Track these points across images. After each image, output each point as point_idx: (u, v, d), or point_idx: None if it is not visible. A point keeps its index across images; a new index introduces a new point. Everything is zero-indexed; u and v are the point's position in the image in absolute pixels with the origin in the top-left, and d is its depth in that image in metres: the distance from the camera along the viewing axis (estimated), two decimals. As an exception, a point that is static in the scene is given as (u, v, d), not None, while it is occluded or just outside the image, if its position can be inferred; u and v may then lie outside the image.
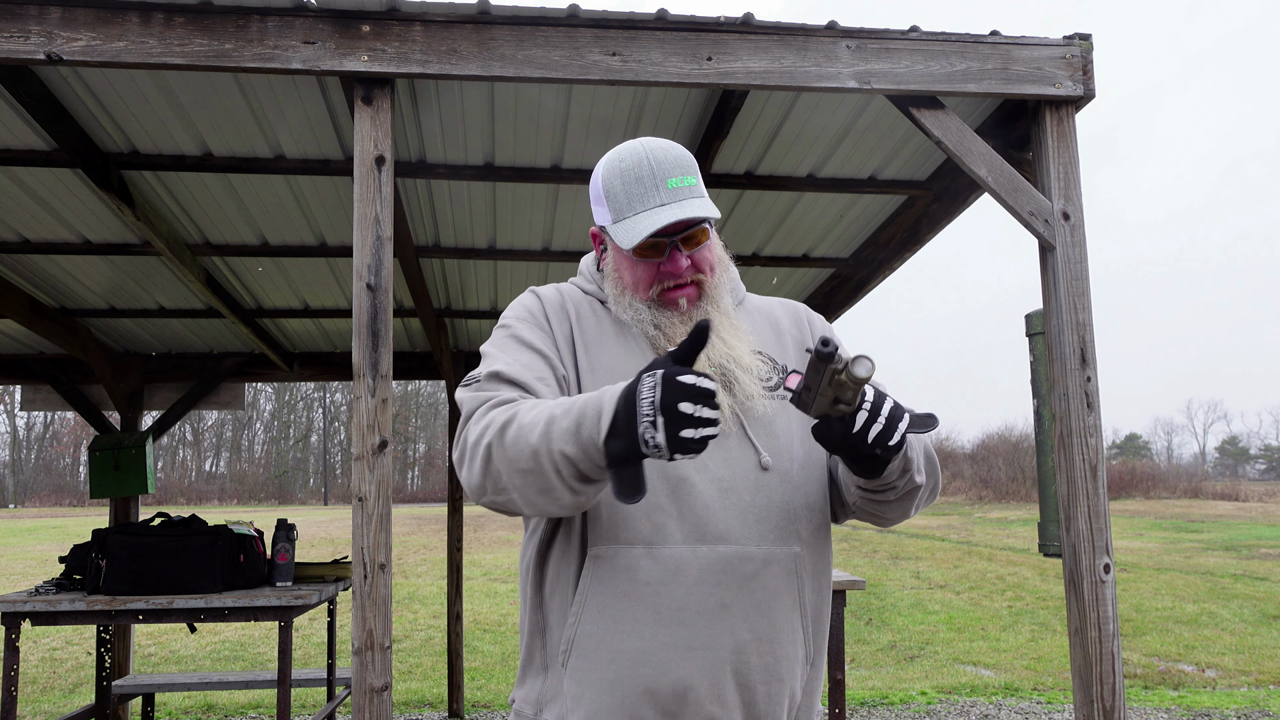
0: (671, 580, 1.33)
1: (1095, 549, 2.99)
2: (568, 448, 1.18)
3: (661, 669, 1.31)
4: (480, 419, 1.32)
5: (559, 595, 1.39)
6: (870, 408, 1.22)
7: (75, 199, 4.16)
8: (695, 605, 1.32)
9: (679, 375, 1.10)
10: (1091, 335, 3.08)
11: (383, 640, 2.73)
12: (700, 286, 1.49)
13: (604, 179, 1.48)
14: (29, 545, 18.63)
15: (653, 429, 1.10)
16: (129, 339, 6.45)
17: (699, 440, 1.10)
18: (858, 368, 1.16)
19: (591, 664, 1.33)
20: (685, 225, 1.44)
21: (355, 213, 2.83)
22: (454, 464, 1.37)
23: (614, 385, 1.20)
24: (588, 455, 1.18)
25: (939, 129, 3.10)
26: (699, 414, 1.09)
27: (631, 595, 1.33)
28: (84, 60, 2.74)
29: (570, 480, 1.21)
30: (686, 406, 1.09)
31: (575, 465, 1.19)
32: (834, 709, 4.07)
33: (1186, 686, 7.19)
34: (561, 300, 1.53)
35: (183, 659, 8.50)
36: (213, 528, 4.33)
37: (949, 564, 14.63)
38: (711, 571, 1.33)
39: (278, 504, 44.61)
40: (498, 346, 1.46)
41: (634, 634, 1.32)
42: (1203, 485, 34.16)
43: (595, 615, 1.34)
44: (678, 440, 1.10)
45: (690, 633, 1.32)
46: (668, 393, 1.10)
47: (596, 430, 1.16)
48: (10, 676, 4.01)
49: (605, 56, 2.92)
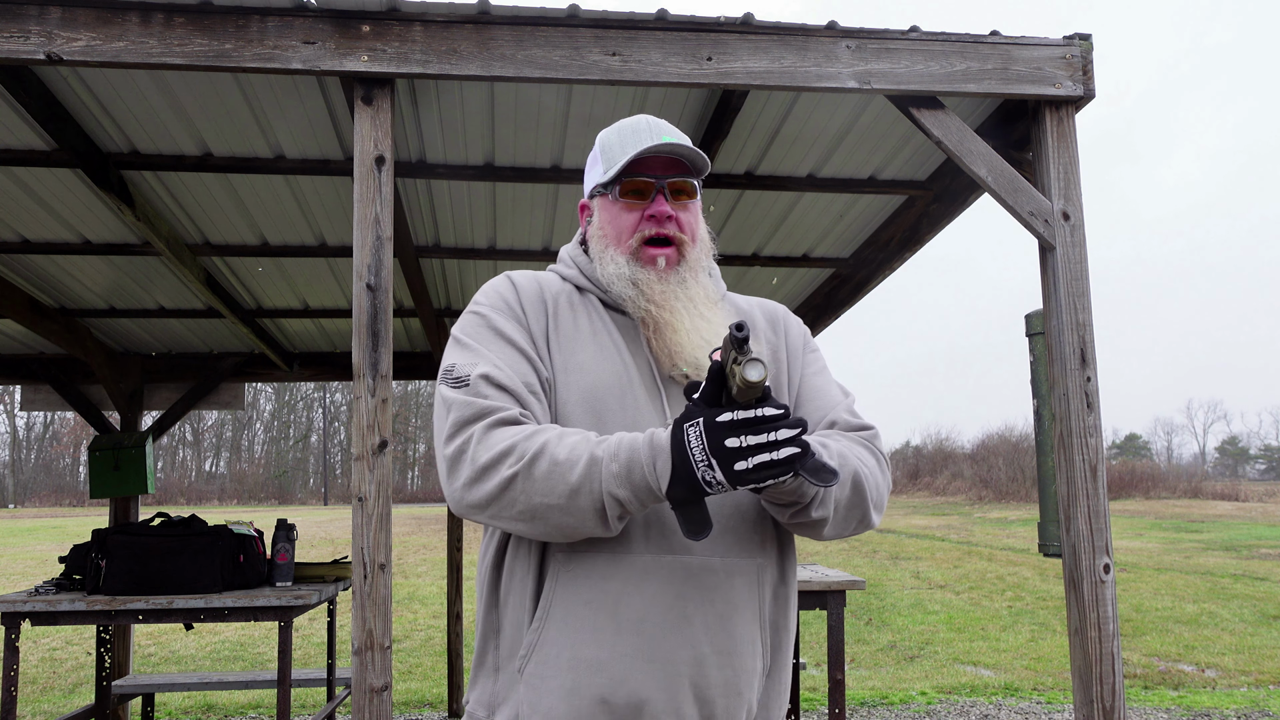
0: (634, 590, 1.32)
1: (1095, 549, 2.99)
2: (619, 491, 1.24)
3: (618, 680, 1.30)
4: (491, 439, 1.30)
5: (515, 598, 1.38)
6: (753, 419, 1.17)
7: (75, 199, 4.16)
8: (656, 617, 1.32)
9: (716, 417, 1.18)
10: (1091, 335, 3.09)
11: (383, 640, 2.73)
12: (681, 250, 1.49)
13: (601, 138, 1.55)
14: (29, 545, 18.64)
15: (710, 470, 1.18)
16: (129, 339, 6.45)
17: (754, 469, 1.16)
18: (749, 369, 1.13)
19: (550, 670, 1.32)
20: (675, 163, 1.48)
21: (355, 213, 2.83)
22: (444, 469, 1.34)
23: (651, 432, 1.26)
24: (639, 498, 1.25)
25: (939, 129, 3.10)
26: (745, 444, 1.16)
27: (594, 603, 1.32)
28: (84, 60, 2.74)
29: (610, 519, 1.27)
30: (732, 442, 1.16)
31: (624, 506, 1.26)
32: (834, 709, 4.07)
33: (1186, 686, 7.19)
34: (539, 290, 1.49)
35: (183, 659, 8.50)
36: (213, 528, 4.33)
37: (949, 564, 14.63)
38: (674, 582, 1.33)
39: (278, 504, 44.62)
40: (476, 338, 1.42)
41: (594, 643, 1.31)
42: (1203, 485, 34.14)
43: (559, 621, 1.33)
44: (734, 475, 1.17)
45: (650, 644, 1.31)
46: (712, 436, 1.17)
47: (654, 478, 1.23)
48: (10, 676, 4.01)
49: (605, 56, 2.92)
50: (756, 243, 5.07)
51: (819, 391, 1.54)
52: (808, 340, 1.62)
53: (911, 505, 32.02)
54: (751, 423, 1.16)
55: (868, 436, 1.47)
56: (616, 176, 1.48)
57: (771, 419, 1.17)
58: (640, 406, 1.40)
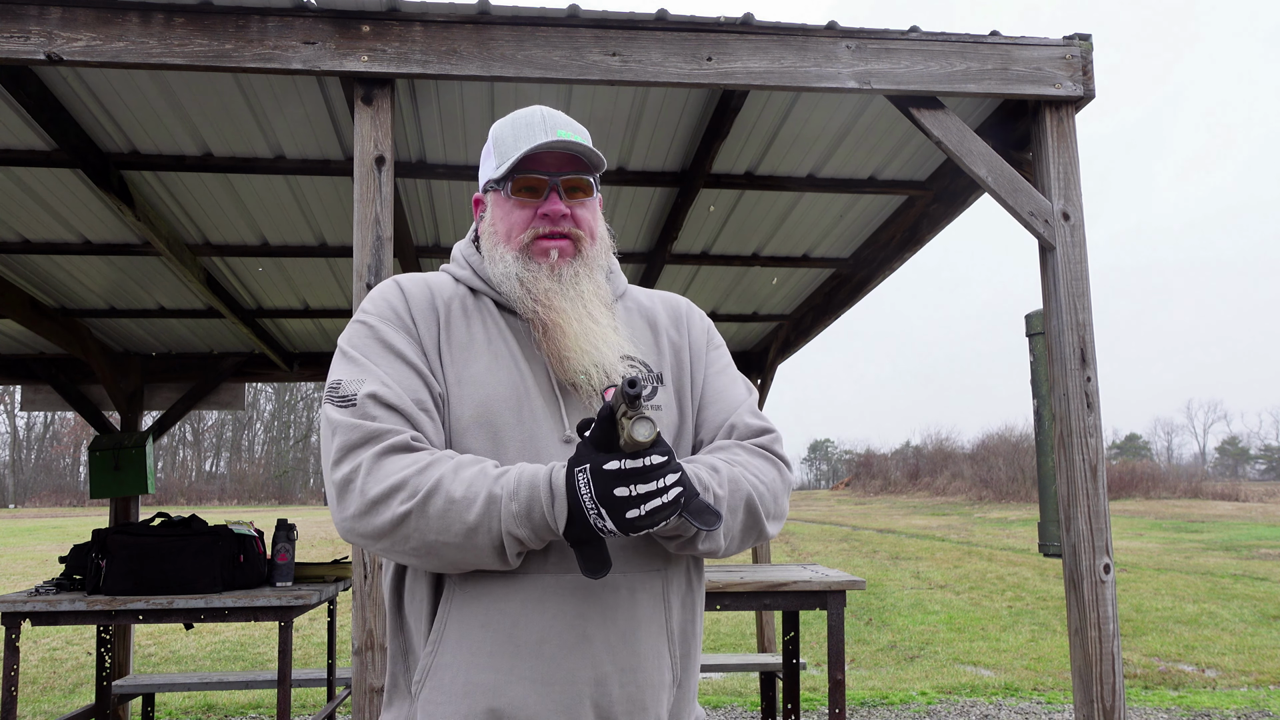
0: (533, 610, 1.28)
1: (1095, 549, 2.99)
2: (519, 530, 1.22)
3: (516, 703, 1.26)
4: (381, 469, 1.24)
5: (416, 619, 1.35)
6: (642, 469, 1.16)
7: (75, 199, 4.16)
8: (555, 638, 1.28)
9: (604, 464, 1.16)
10: (1091, 335, 3.09)
11: (383, 640, 2.73)
12: (577, 245, 1.43)
13: (495, 130, 1.48)
14: (29, 545, 18.64)
15: (600, 519, 1.17)
16: (129, 339, 6.45)
17: (647, 515, 1.16)
18: (637, 428, 1.13)
19: (445, 695, 1.28)
20: (571, 160, 1.42)
21: (355, 213, 2.83)
22: (332, 495, 1.28)
23: (551, 469, 1.23)
24: (539, 536, 1.23)
25: (939, 129, 3.11)
26: (635, 493, 1.15)
27: (490, 625, 1.28)
28: (84, 60, 2.74)
29: (510, 555, 1.24)
30: (621, 491, 1.15)
31: (523, 544, 1.24)
32: (834, 709, 4.07)
33: (1186, 686, 7.19)
34: (430, 296, 1.42)
35: (183, 659, 8.50)
36: (213, 528, 4.33)
37: (949, 564, 14.63)
38: (574, 601, 1.29)
39: (278, 504, 44.62)
40: (363, 352, 1.35)
41: (490, 666, 1.27)
42: (1203, 485, 34.14)
43: (453, 644, 1.29)
44: (626, 522, 1.16)
45: (548, 666, 1.27)
46: (600, 485, 1.16)
47: (552, 519, 1.21)
48: (10, 676, 4.01)
49: (605, 56, 2.92)
50: (756, 243, 5.07)
51: (721, 393, 1.49)
52: (711, 336, 1.57)
53: (911, 505, 32.01)
54: (640, 472, 1.15)
55: (766, 442, 1.43)
56: (508, 173, 1.41)
57: (659, 467, 1.16)
58: (538, 417, 1.35)
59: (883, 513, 27.69)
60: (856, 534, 18.62)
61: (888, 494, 38.73)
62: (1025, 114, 3.29)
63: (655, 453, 1.16)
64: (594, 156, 1.43)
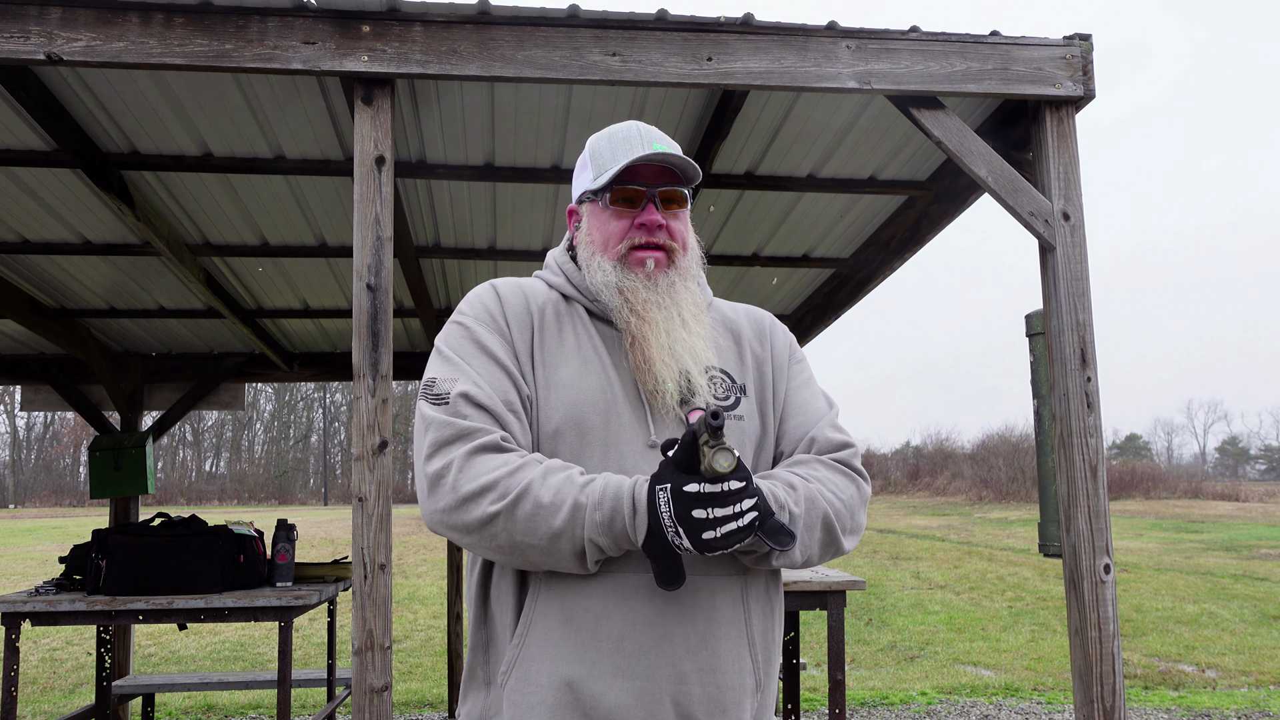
0: (615, 608, 1.32)
1: (1095, 549, 2.99)
2: (600, 538, 1.27)
3: (597, 697, 1.30)
4: (473, 468, 1.30)
5: (500, 613, 1.39)
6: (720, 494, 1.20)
7: (75, 199, 4.16)
8: (635, 635, 1.32)
9: (684, 486, 1.20)
10: (1091, 335, 3.09)
11: (383, 640, 2.73)
12: (671, 255, 1.48)
13: (591, 144, 1.53)
14: (29, 545, 18.64)
15: (678, 536, 1.22)
16: (129, 339, 6.45)
17: (722, 538, 1.20)
18: (718, 459, 1.18)
19: (531, 687, 1.33)
20: (666, 172, 1.47)
21: (355, 213, 2.83)
22: (423, 487, 1.34)
23: (635, 483, 1.28)
24: (619, 546, 1.29)
25: (939, 129, 3.10)
26: (712, 516, 1.19)
27: (573, 621, 1.33)
28: (84, 61, 2.74)
29: (589, 561, 1.30)
30: (699, 513, 1.19)
31: (604, 551, 1.29)
32: (834, 709, 4.07)
33: (1187, 687, 7.18)
34: (525, 301, 1.48)
35: (183, 659, 8.50)
36: (213, 528, 4.33)
37: (949, 564, 14.63)
38: (654, 601, 1.33)
39: (278, 504, 44.61)
40: (459, 352, 1.40)
41: (575, 660, 1.31)
42: (1203, 485, 34.11)
43: (539, 639, 1.34)
44: (702, 543, 1.20)
45: (629, 661, 1.31)
46: (679, 506, 1.20)
47: (633, 531, 1.26)
48: (10, 677, 4.01)
49: (605, 56, 2.92)
50: (756, 243, 5.07)
51: (803, 406, 1.53)
52: (794, 351, 1.61)
53: (911, 505, 32.02)
54: (718, 497, 1.19)
55: (844, 457, 1.47)
56: (607, 184, 1.46)
57: (736, 493, 1.20)
58: (624, 424, 1.39)
59: (883, 513, 27.69)
60: (856, 534, 18.60)
61: (888, 494, 38.72)
62: (1025, 114, 3.29)
63: (734, 478, 1.20)
64: (689, 169, 1.47)
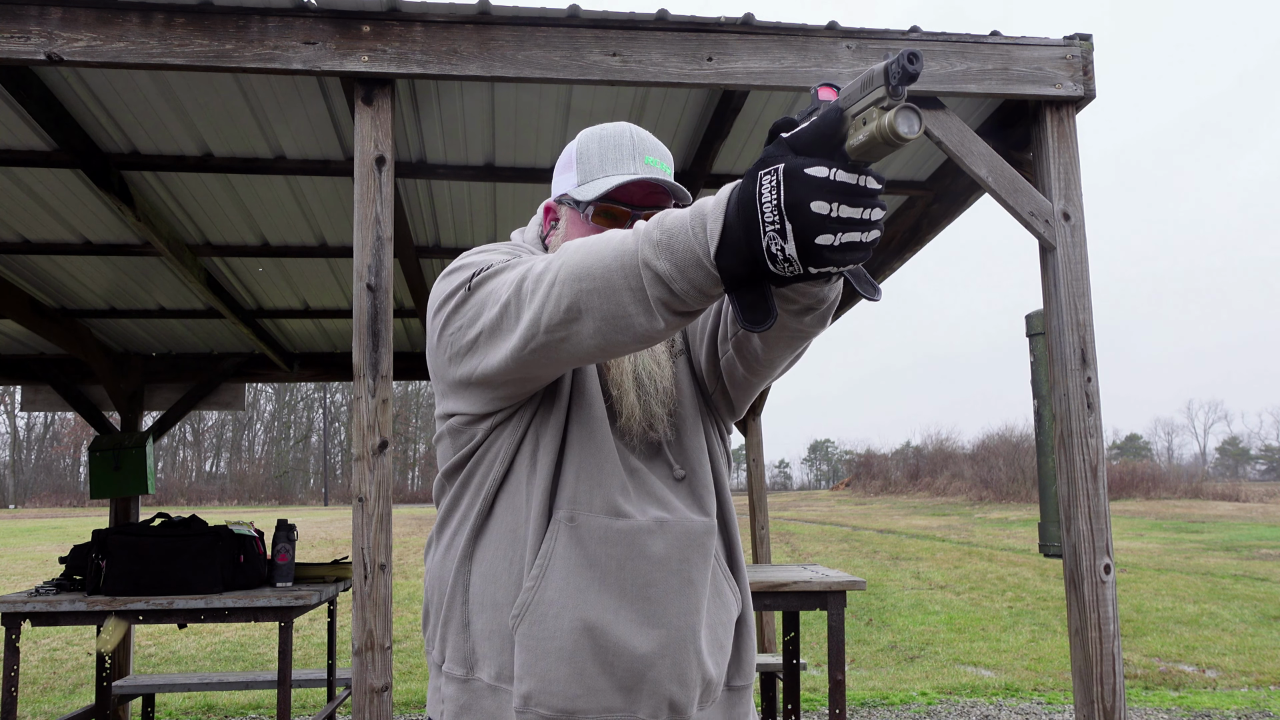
0: (639, 554, 1.31)
1: (1095, 549, 2.99)
2: (658, 262, 1.01)
3: (621, 644, 1.28)
4: (523, 267, 1.21)
5: (498, 551, 1.35)
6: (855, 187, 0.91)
7: (75, 199, 4.16)
8: (661, 581, 1.31)
9: (806, 168, 0.90)
10: (1092, 335, 3.09)
11: (383, 641, 2.73)
12: None
13: (580, 143, 1.47)
14: (29, 545, 18.63)
15: (779, 238, 0.91)
16: (129, 339, 6.45)
17: (840, 249, 0.91)
18: (902, 120, 0.86)
19: (549, 632, 1.29)
20: (653, 192, 1.42)
21: (355, 213, 2.83)
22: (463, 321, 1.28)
23: (712, 195, 1.02)
24: (684, 274, 1.00)
25: (939, 129, 3.10)
26: (837, 214, 0.90)
27: (598, 564, 1.29)
28: (84, 61, 2.74)
29: (655, 304, 1.03)
30: (820, 206, 0.89)
31: (666, 285, 1.02)
32: (834, 709, 4.07)
33: (1187, 687, 7.18)
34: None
35: (183, 659, 8.50)
36: (213, 528, 4.33)
37: (949, 564, 14.63)
38: (678, 546, 1.33)
39: (278, 504, 44.61)
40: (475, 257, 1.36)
41: (598, 605, 1.28)
42: (1203, 486, 34.10)
43: (560, 582, 1.29)
44: (814, 250, 0.90)
45: (656, 609, 1.30)
46: (793, 191, 0.90)
47: (702, 242, 0.97)
48: (10, 677, 4.01)
49: (605, 56, 2.92)
50: (757, 243, 5.07)
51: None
52: None
53: (912, 505, 32.01)
54: (852, 190, 0.90)
55: None
56: (592, 199, 1.41)
57: (873, 193, 0.92)
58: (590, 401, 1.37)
59: (883, 513, 27.69)
60: (857, 534, 18.61)
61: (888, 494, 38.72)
62: (1025, 114, 3.29)
63: (871, 174, 0.92)
64: (678, 191, 1.42)
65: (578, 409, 1.37)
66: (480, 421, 1.38)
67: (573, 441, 1.35)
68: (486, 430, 1.38)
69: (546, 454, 1.34)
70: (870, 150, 0.89)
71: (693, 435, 1.43)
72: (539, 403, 1.37)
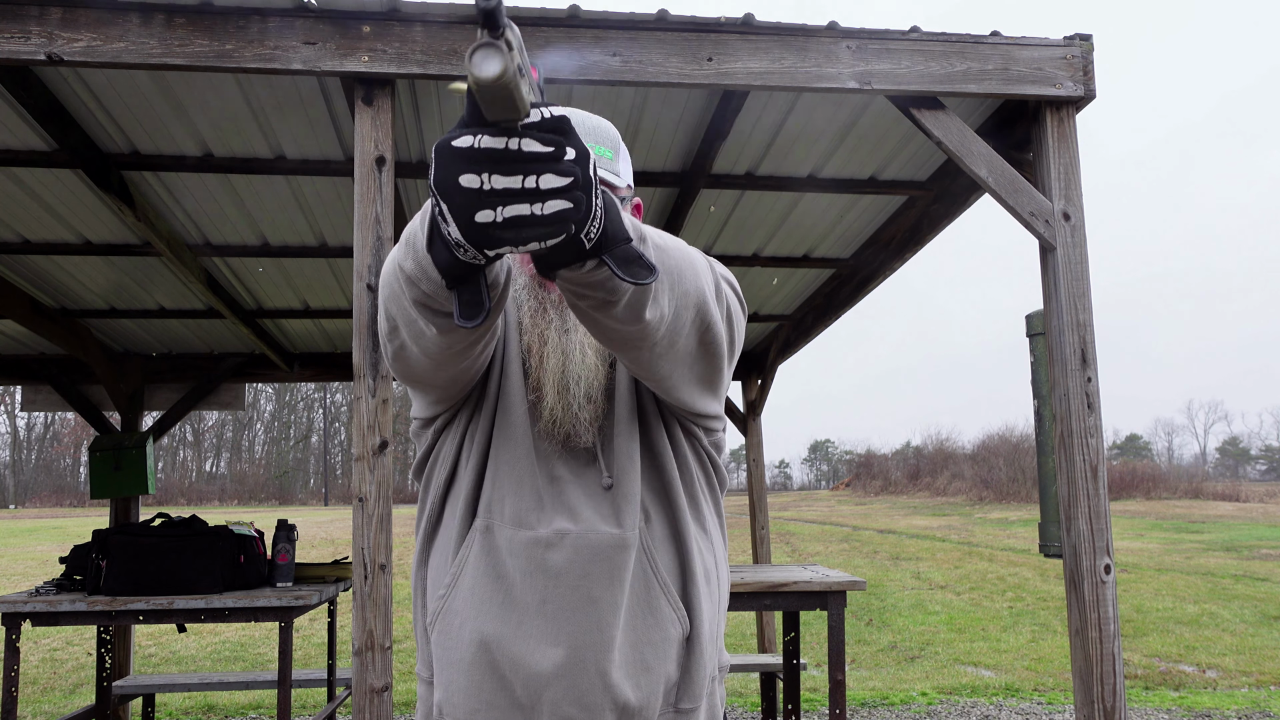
0: (538, 567, 1.25)
1: (1096, 549, 2.99)
2: (406, 262, 0.95)
3: (519, 660, 1.24)
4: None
5: (436, 563, 1.35)
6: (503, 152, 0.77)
7: (76, 199, 4.16)
8: (557, 598, 1.25)
9: (453, 140, 0.78)
10: (1092, 336, 3.08)
11: (383, 641, 2.73)
12: None
13: None
14: (29, 546, 18.64)
15: (443, 220, 0.81)
16: (129, 339, 6.45)
17: (505, 224, 0.78)
18: (479, 61, 0.72)
19: (452, 641, 1.28)
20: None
21: (355, 213, 2.83)
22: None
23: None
24: (425, 272, 0.92)
25: (939, 129, 3.10)
26: (489, 185, 0.77)
27: (505, 576, 1.26)
28: (84, 61, 2.74)
29: (415, 308, 0.99)
30: (469, 179, 0.78)
31: (416, 286, 0.96)
32: (834, 709, 4.07)
33: (1187, 687, 7.18)
34: None
35: (183, 659, 8.50)
36: (213, 528, 4.33)
37: (949, 565, 14.62)
38: (579, 560, 1.25)
39: (278, 504, 44.61)
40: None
41: (498, 618, 1.25)
42: (1203, 486, 34.08)
43: (465, 592, 1.28)
44: (477, 230, 0.79)
45: (554, 626, 1.24)
46: (444, 170, 0.79)
47: (421, 234, 0.91)
48: (10, 677, 4.01)
49: (605, 57, 2.92)
50: (757, 243, 5.07)
51: None
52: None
53: (912, 506, 32.01)
54: (501, 156, 0.77)
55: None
56: None
57: (537, 158, 0.77)
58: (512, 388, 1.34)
59: (883, 513, 27.69)
60: (857, 534, 18.61)
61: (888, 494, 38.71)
62: (1025, 114, 3.29)
63: (534, 136, 0.77)
64: (612, 180, 1.32)
65: (502, 412, 1.33)
66: (429, 425, 1.38)
67: (495, 446, 1.32)
68: (435, 434, 1.38)
69: (474, 458, 1.32)
70: (489, 105, 0.74)
71: (626, 442, 1.33)
72: (474, 406, 1.35)
